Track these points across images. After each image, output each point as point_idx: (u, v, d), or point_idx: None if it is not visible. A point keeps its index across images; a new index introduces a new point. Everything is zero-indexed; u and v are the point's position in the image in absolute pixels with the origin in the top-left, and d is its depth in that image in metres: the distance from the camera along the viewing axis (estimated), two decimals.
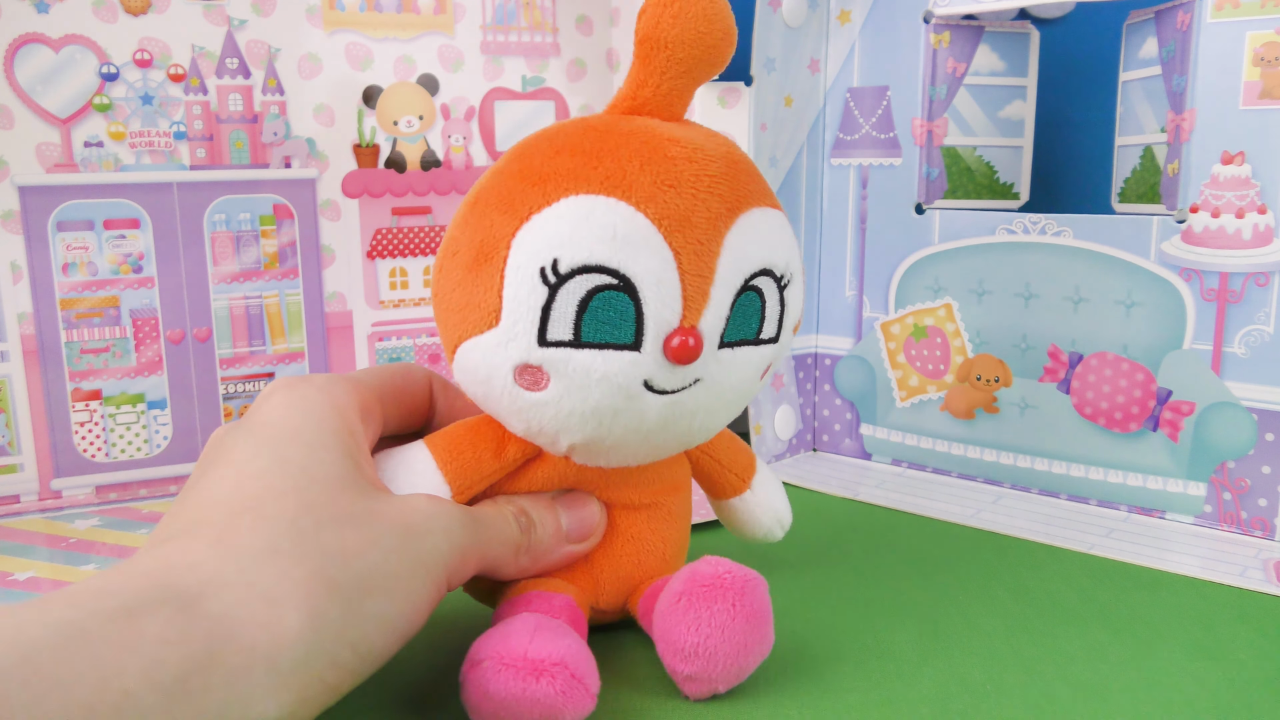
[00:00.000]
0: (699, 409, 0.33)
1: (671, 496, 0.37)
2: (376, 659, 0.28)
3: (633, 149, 0.31)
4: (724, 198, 0.31)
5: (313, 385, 0.33)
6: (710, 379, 0.32)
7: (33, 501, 0.54)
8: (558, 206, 0.30)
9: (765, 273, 0.32)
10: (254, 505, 0.28)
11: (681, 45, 0.31)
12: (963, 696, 0.34)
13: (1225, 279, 0.48)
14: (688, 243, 0.30)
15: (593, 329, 0.30)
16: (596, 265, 0.29)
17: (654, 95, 0.32)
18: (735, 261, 0.31)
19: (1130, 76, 0.54)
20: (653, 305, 0.30)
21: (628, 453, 0.34)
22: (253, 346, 0.58)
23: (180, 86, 0.55)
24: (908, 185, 0.58)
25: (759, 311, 0.32)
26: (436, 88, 0.60)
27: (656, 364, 0.31)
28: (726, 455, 0.40)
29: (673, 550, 0.38)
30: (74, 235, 0.53)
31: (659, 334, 0.30)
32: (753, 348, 0.33)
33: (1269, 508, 0.48)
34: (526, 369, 0.31)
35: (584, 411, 0.31)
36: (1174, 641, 0.38)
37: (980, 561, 0.46)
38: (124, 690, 0.22)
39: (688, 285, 0.30)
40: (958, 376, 0.57)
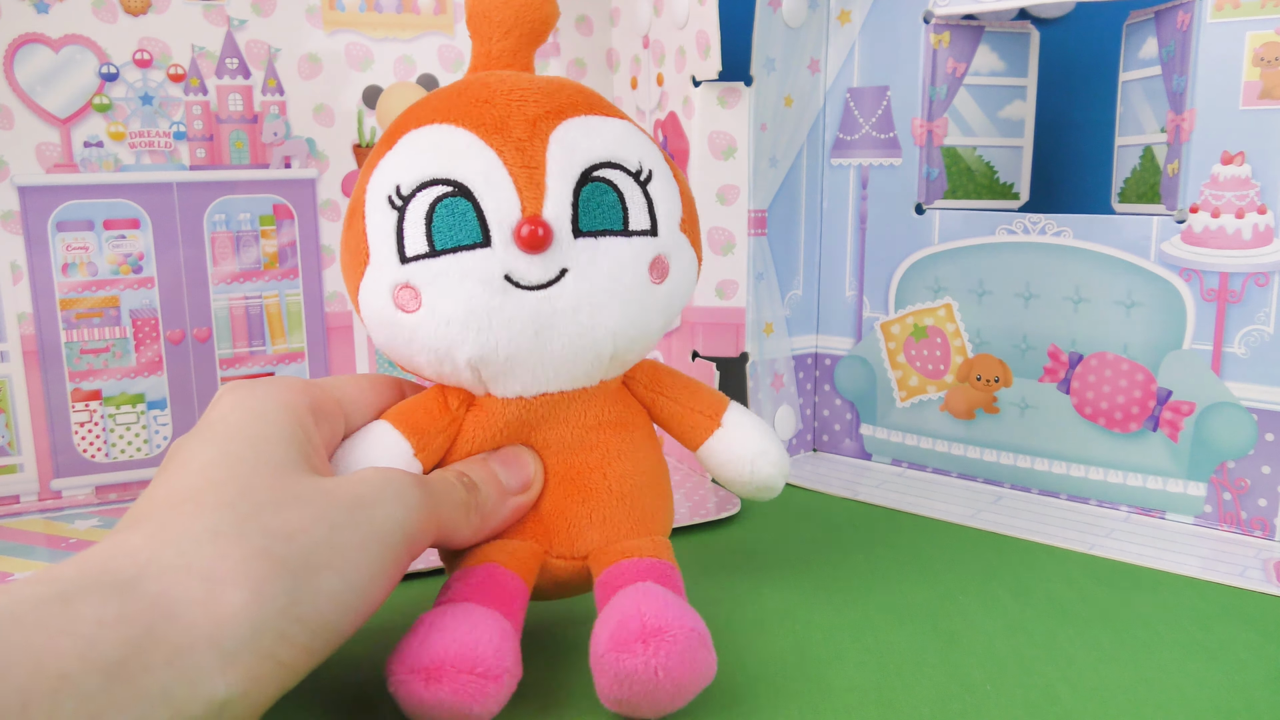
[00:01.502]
0: (580, 303, 0.34)
1: (607, 433, 0.37)
2: (333, 635, 0.28)
3: (457, 89, 0.35)
4: (540, 103, 0.34)
5: (261, 385, 0.33)
6: (577, 269, 0.33)
7: (33, 502, 0.54)
8: (397, 147, 0.34)
9: (610, 165, 0.34)
10: (193, 495, 0.28)
11: (496, 9, 0.37)
12: (963, 696, 0.34)
13: (1225, 279, 0.48)
14: (508, 141, 0.33)
15: (442, 235, 0.33)
16: (429, 179, 0.33)
17: (489, 59, 0.37)
18: (565, 153, 0.33)
19: (1130, 76, 0.54)
20: (489, 201, 0.33)
21: (531, 364, 0.34)
22: (253, 347, 0.58)
23: (180, 87, 0.55)
24: (908, 185, 0.58)
25: (618, 203, 0.34)
26: (436, 88, 0.60)
27: (512, 256, 0.33)
28: (685, 395, 0.40)
29: (622, 486, 0.37)
30: (74, 235, 0.53)
31: (504, 227, 0.33)
32: (622, 238, 0.34)
33: (1269, 508, 0.48)
34: (399, 289, 0.33)
35: (459, 317, 0.33)
36: (1174, 641, 0.38)
37: (980, 561, 0.46)
38: (61, 674, 0.22)
39: (518, 179, 0.33)
40: (958, 376, 0.57)
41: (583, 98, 0.36)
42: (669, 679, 0.30)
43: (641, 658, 0.30)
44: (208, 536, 0.26)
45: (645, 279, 0.35)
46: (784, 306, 0.60)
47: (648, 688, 0.30)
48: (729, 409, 0.40)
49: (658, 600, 0.32)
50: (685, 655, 0.31)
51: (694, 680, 0.31)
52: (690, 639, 0.31)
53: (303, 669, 0.27)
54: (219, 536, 0.26)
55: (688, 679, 0.31)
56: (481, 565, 0.34)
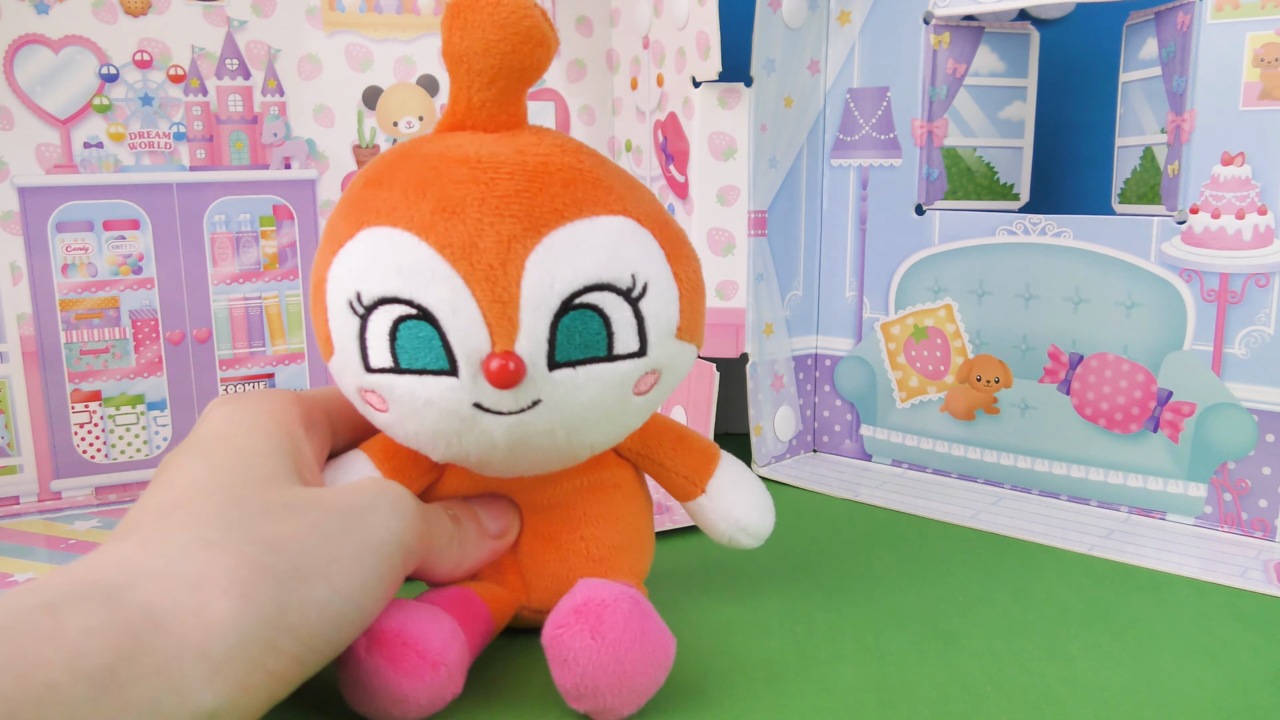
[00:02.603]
0: (555, 428, 0.31)
1: (588, 497, 0.37)
2: (324, 646, 0.28)
3: (421, 175, 0.31)
4: (518, 218, 0.30)
5: (251, 398, 0.33)
6: (552, 400, 0.31)
7: (32, 503, 0.54)
8: (357, 239, 0.31)
9: (598, 288, 0.30)
10: (184, 504, 0.28)
11: (476, 56, 0.31)
12: (963, 697, 0.34)
13: (1225, 280, 0.48)
14: (475, 269, 0.29)
15: (407, 356, 0.30)
16: (392, 297, 0.30)
17: (469, 109, 0.32)
18: (543, 284, 0.30)
19: (1130, 77, 0.54)
20: (456, 334, 0.30)
21: (505, 467, 0.34)
22: (252, 347, 0.58)
23: (180, 87, 0.55)
24: (908, 186, 0.58)
25: (602, 329, 0.31)
26: (437, 88, 0.60)
27: (479, 388, 0.30)
28: (671, 458, 0.38)
29: (600, 550, 0.37)
30: (73, 236, 0.53)
31: (472, 359, 0.30)
32: (606, 365, 0.31)
33: (1269, 509, 0.48)
34: (365, 392, 0.32)
35: (426, 434, 0.32)
36: (1174, 642, 0.38)
37: (980, 562, 0.46)
38: (47, 683, 0.22)
39: (488, 313, 0.29)
40: (958, 377, 0.57)
41: (570, 196, 0.31)
42: (609, 645, 0.30)
43: (574, 629, 0.30)
44: (196, 545, 0.26)
45: (628, 398, 0.33)
46: (784, 307, 0.60)
47: (590, 659, 0.30)
48: (715, 474, 0.39)
49: (591, 585, 0.32)
50: (622, 621, 0.30)
51: (639, 647, 0.31)
52: (624, 602, 0.31)
53: (293, 680, 0.27)
54: (208, 545, 0.26)
55: (629, 644, 0.30)
56: (458, 587, 0.35)
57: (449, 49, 0.31)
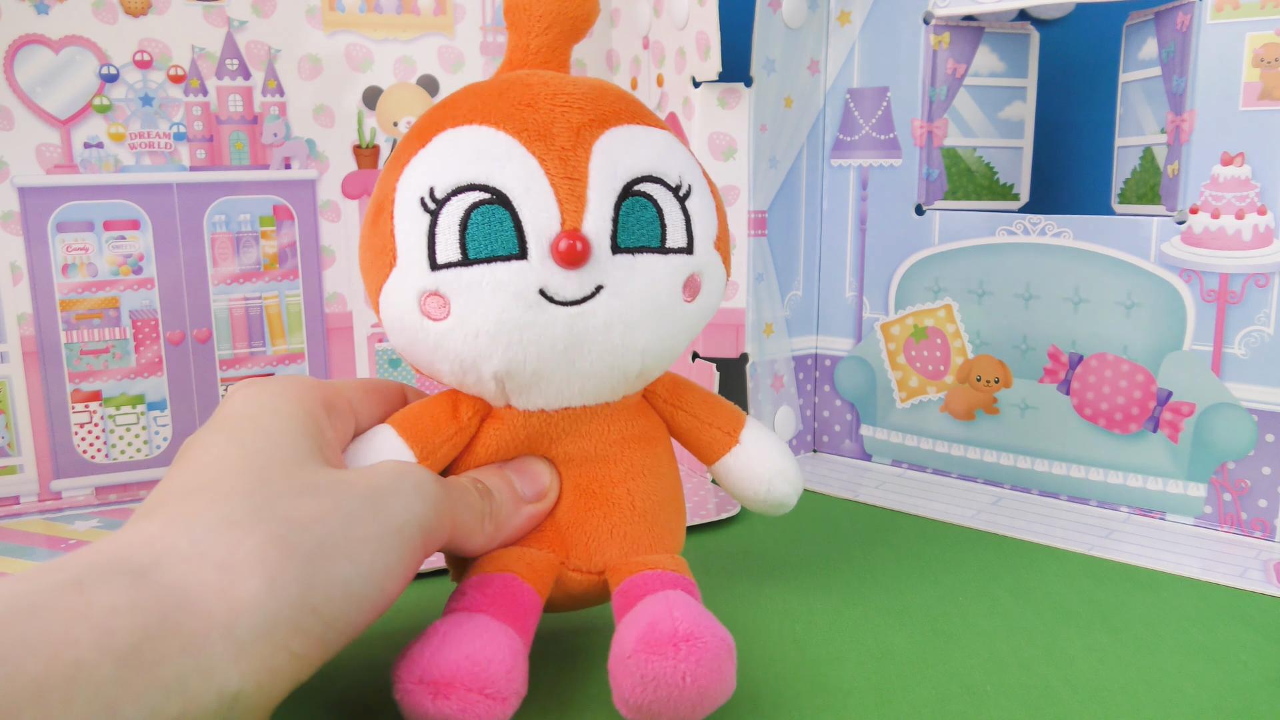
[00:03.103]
0: (613, 320, 0.33)
1: (631, 448, 0.37)
2: (346, 627, 0.28)
3: (497, 88, 0.34)
4: (585, 110, 0.33)
5: (275, 381, 0.33)
6: (613, 285, 0.32)
7: (32, 502, 0.54)
8: (431, 145, 0.33)
9: (651, 179, 0.33)
10: (209, 484, 0.28)
11: (536, 2, 0.36)
12: (963, 697, 0.34)
13: (1225, 280, 0.48)
14: (550, 150, 0.32)
15: (477, 244, 0.31)
16: (467, 184, 0.31)
17: (527, 54, 0.36)
18: (609, 165, 0.32)
19: (1130, 77, 0.54)
20: (528, 212, 0.31)
21: (557, 380, 0.34)
22: (253, 347, 0.58)
23: (180, 87, 0.55)
24: (908, 186, 0.58)
25: (657, 219, 0.33)
26: (437, 89, 0.60)
27: (548, 270, 0.31)
28: (704, 410, 0.39)
29: (644, 504, 0.36)
30: (74, 236, 0.53)
31: (542, 240, 0.31)
32: (659, 255, 0.33)
33: (1269, 509, 0.48)
34: (427, 297, 0.32)
35: (489, 330, 0.32)
36: (1174, 642, 0.38)
37: (980, 562, 0.46)
38: (75, 661, 0.22)
39: (560, 190, 0.32)
40: (958, 377, 0.57)
41: (625, 105, 0.34)
42: (695, 686, 0.30)
43: (672, 661, 0.30)
44: (223, 524, 0.26)
45: (679, 297, 0.34)
46: (784, 307, 0.60)
47: (673, 693, 0.30)
48: (747, 425, 0.40)
49: (691, 608, 0.31)
50: (714, 665, 0.30)
51: (717, 692, 0.31)
52: (720, 649, 0.30)
53: (315, 661, 0.27)
54: (234, 524, 0.26)
55: (713, 689, 0.30)
56: (500, 574, 0.34)
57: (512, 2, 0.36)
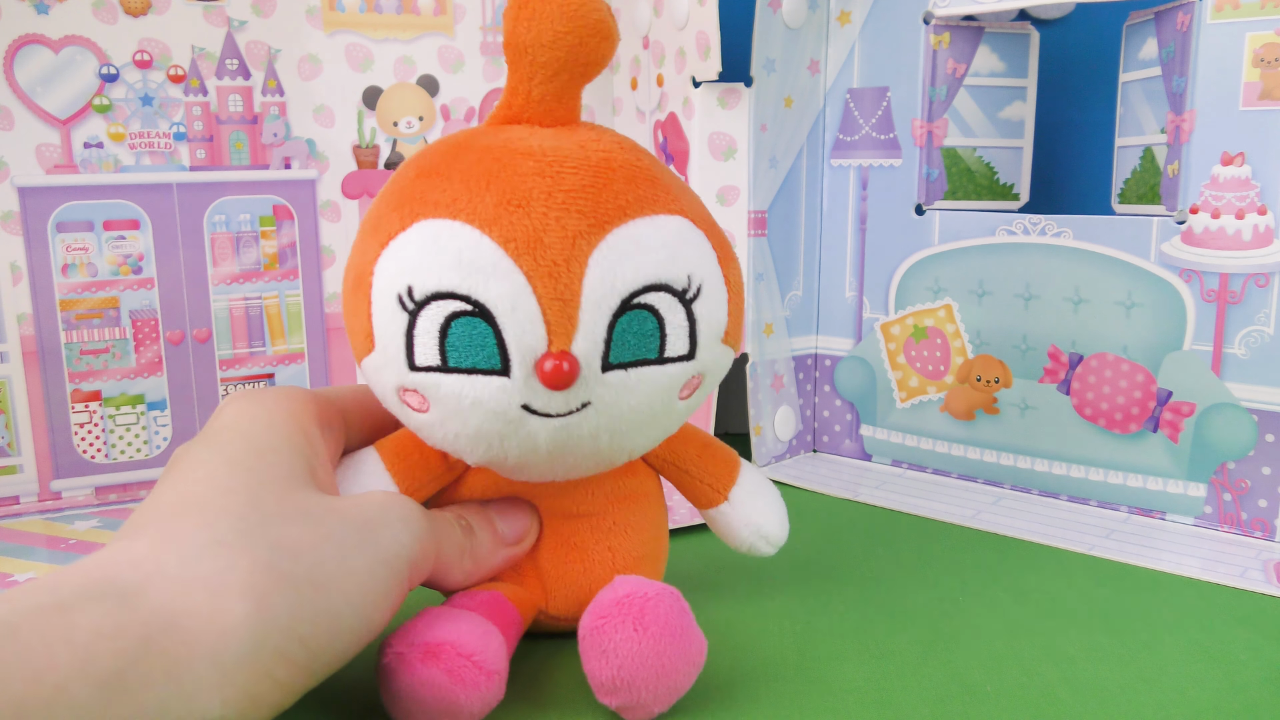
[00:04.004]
0: (599, 431, 0.31)
1: (618, 506, 0.36)
2: (332, 657, 0.27)
3: (484, 166, 0.30)
4: (584, 213, 0.29)
5: (268, 394, 0.33)
6: (601, 402, 0.30)
7: (32, 503, 0.54)
8: (411, 231, 0.30)
9: (656, 288, 0.30)
10: (198, 503, 0.28)
11: (541, 48, 0.30)
12: (963, 697, 0.34)
13: (1225, 280, 0.48)
14: (540, 265, 0.29)
15: (457, 355, 0.29)
16: (448, 292, 0.29)
17: (527, 102, 0.32)
18: (606, 282, 0.29)
19: (1130, 77, 0.54)
20: (512, 331, 0.29)
21: (541, 471, 0.33)
22: (252, 348, 0.58)
23: (180, 87, 0.55)
24: (908, 186, 0.58)
25: (657, 330, 0.30)
26: (436, 89, 0.60)
27: (531, 389, 0.30)
28: (696, 465, 0.38)
29: (625, 560, 0.36)
30: (74, 236, 0.53)
31: (526, 359, 0.29)
32: (657, 367, 0.31)
33: (1269, 509, 0.48)
34: (406, 391, 0.31)
35: (468, 435, 0.31)
36: (1174, 642, 0.38)
37: (980, 562, 0.46)
38: (56, 685, 0.21)
39: (548, 310, 0.29)
40: (958, 377, 0.57)
41: (633, 193, 0.31)
42: (651, 638, 0.30)
43: (619, 620, 0.30)
44: (212, 547, 0.26)
45: (674, 401, 0.32)
46: (784, 307, 0.60)
47: (633, 649, 0.30)
48: (738, 482, 0.39)
49: (631, 580, 0.32)
50: (665, 615, 0.30)
51: (679, 642, 0.31)
52: (664, 597, 0.31)
53: (299, 689, 0.27)
54: (224, 547, 0.26)
55: (672, 638, 0.30)
56: (487, 590, 0.34)
57: (513, 39, 0.30)
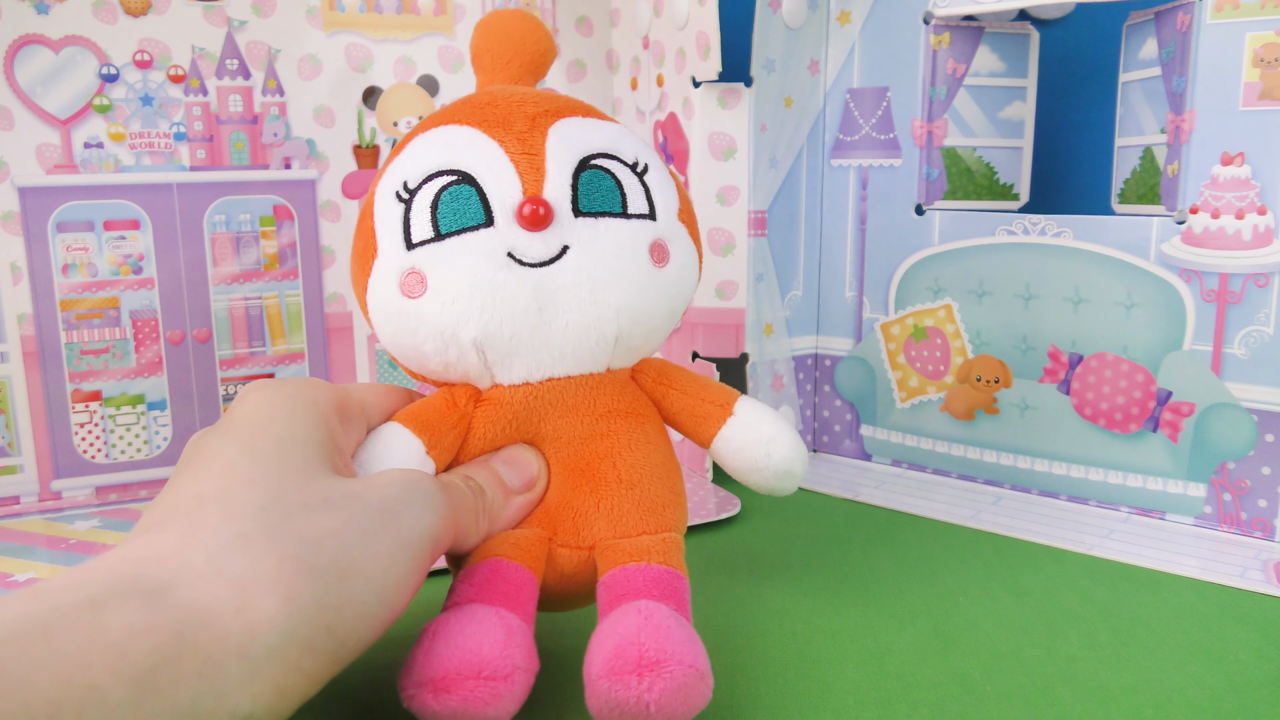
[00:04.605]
0: (581, 278, 0.34)
1: (617, 422, 0.37)
2: (357, 644, 0.27)
3: (462, 99, 0.38)
4: (540, 104, 0.36)
5: (289, 384, 0.33)
6: (579, 245, 0.34)
7: (32, 502, 0.54)
8: (405, 150, 0.36)
9: (606, 156, 0.36)
10: (222, 496, 0.28)
11: (497, 41, 0.39)
12: (963, 697, 0.34)
13: (1225, 280, 0.48)
14: (509, 134, 0.35)
15: (447, 220, 0.34)
16: (435, 170, 0.35)
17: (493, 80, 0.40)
18: (564, 143, 0.35)
19: (1130, 77, 0.54)
20: (492, 185, 0.34)
21: (535, 344, 0.35)
22: (253, 347, 0.58)
23: (180, 88, 0.55)
24: (908, 186, 0.58)
25: (615, 188, 0.36)
26: (436, 88, 0.60)
27: (514, 234, 0.34)
28: (695, 387, 0.39)
29: (633, 476, 0.36)
30: (74, 236, 0.53)
31: (507, 208, 0.34)
32: (621, 219, 0.35)
33: (1269, 509, 0.48)
34: (405, 275, 0.34)
35: (464, 293, 0.34)
36: (1174, 642, 0.38)
37: (980, 562, 0.46)
38: (90, 684, 0.21)
39: (519, 164, 0.35)
40: (958, 377, 0.57)
41: (580, 106, 0.38)
42: (660, 713, 0.30)
43: (635, 691, 0.29)
44: (239, 542, 0.26)
45: (646, 260, 0.36)
46: (784, 307, 0.60)
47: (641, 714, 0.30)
48: (740, 399, 0.40)
49: (659, 627, 0.31)
50: (680, 692, 0.30)
51: (686, 715, 0.30)
52: (688, 676, 0.30)
53: (325, 678, 0.27)
54: (250, 541, 0.26)
55: (680, 714, 0.30)
56: (485, 562, 0.34)
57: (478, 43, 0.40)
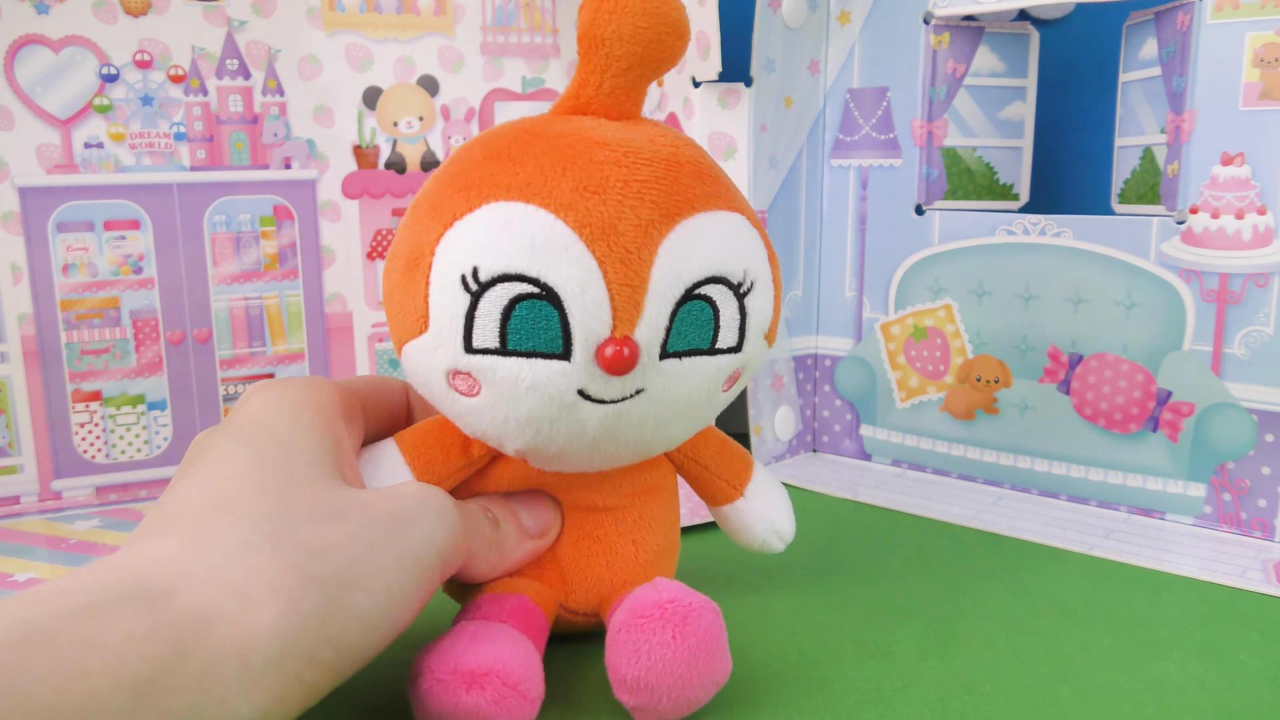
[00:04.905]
0: (647, 419, 0.32)
1: (642, 500, 0.37)
2: (359, 656, 0.27)
3: (559, 153, 0.30)
4: (657, 203, 0.30)
5: (294, 385, 0.33)
6: (655, 389, 0.31)
7: (33, 502, 0.54)
8: (479, 213, 0.30)
9: (715, 280, 0.31)
10: (227, 502, 0.27)
11: (619, 41, 0.31)
12: (963, 697, 0.34)
13: (1225, 280, 0.48)
14: (613, 251, 0.29)
15: (518, 337, 0.29)
16: (516, 274, 0.29)
17: (596, 94, 0.32)
18: (673, 270, 0.30)
19: (1130, 77, 0.54)
20: (578, 315, 0.29)
21: (579, 460, 0.33)
22: (253, 348, 0.58)
23: (180, 88, 0.55)
24: (908, 186, 0.58)
25: (711, 321, 0.31)
26: (436, 89, 0.60)
27: (590, 374, 0.30)
28: (715, 461, 0.39)
29: (647, 555, 0.37)
30: (74, 236, 0.54)
31: (589, 343, 0.29)
32: (707, 358, 0.32)
33: (1269, 509, 0.48)
34: (458, 374, 0.31)
35: (519, 419, 0.31)
36: (1174, 642, 0.38)
37: (980, 562, 0.46)
38: (88, 690, 0.21)
39: (616, 295, 0.29)
40: (958, 377, 0.57)
41: (699, 187, 0.31)
42: (685, 645, 0.30)
43: (659, 624, 0.30)
44: (241, 549, 0.26)
45: (717, 392, 0.33)
46: (784, 307, 0.60)
47: (665, 655, 0.30)
48: (753, 479, 0.40)
49: (675, 585, 0.32)
50: (702, 624, 0.31)
51: (710, 654, 0.31)
52: (707, 611, 0.31)
53: (325, 689, 0.27)
54: (252, 549, 0.26)
55: (705, 649, 0.30)
56: (514, 595, 0.34)
57: (590, 31, 0.31)
